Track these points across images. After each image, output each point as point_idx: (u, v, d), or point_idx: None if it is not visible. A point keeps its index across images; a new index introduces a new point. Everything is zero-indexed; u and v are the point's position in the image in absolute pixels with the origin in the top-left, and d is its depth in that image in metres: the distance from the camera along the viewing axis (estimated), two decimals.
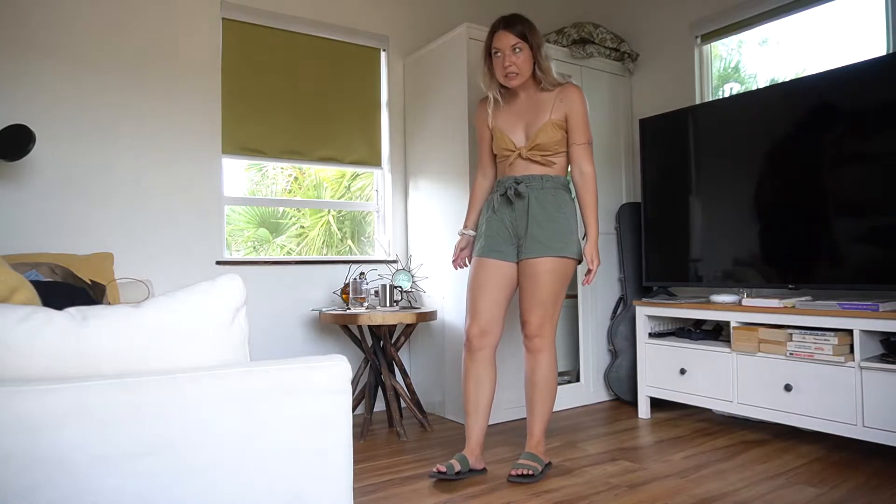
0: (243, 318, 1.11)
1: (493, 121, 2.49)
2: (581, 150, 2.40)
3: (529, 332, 2.38)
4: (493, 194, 2.50)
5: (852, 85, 2.57)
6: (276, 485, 1.01)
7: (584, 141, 2.40)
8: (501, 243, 2.41)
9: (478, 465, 2.36)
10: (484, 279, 2.40)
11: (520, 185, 2.38)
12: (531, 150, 2.39)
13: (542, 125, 2.38)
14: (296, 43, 3.34)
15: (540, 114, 2.41)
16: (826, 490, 2.15)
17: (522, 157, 2.42)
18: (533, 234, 2.36)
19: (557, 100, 2.40)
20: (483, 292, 2.39)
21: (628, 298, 3.51)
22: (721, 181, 3.04)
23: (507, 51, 2.36)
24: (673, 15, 3.64)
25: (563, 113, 2.39)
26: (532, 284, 2.35)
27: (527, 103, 2.46)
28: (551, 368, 2.40)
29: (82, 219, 2.74)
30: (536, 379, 2.39)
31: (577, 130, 2.40)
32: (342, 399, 1.08)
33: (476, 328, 2.38)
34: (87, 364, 0.93)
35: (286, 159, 3.36)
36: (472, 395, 2.39)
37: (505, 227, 2.42)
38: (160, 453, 0.91)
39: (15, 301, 1.10)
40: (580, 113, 2.40)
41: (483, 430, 2.39)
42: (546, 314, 2.36)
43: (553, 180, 2.40)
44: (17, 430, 0.82)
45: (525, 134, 2.43)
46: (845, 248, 2.59)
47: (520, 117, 2.45)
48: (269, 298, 3.18)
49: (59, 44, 2.71)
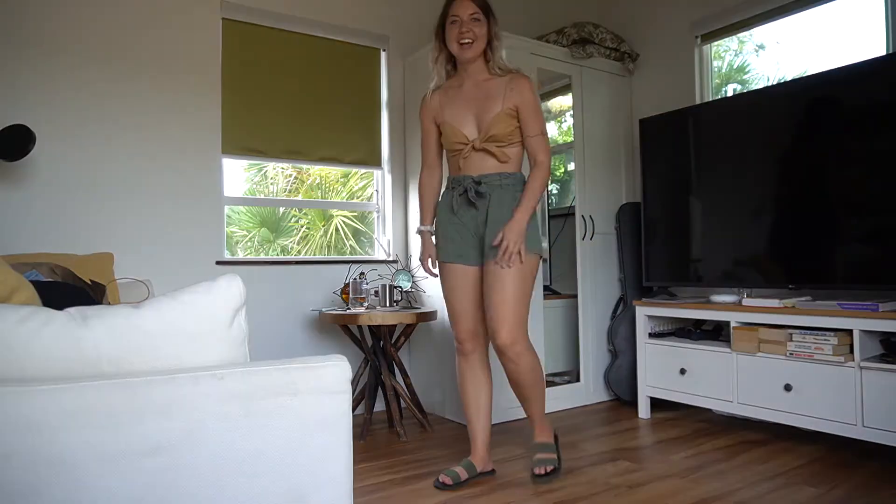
0: (243, 318, 1.11)
1: (440, 114, 2.37)
2: (535, 141, 2.28)
3: (502, 343, 2.21)
4: (448, 192, 2.38)
5: (852, 85, 2.57)
6: (276, 485, 1.01)
7: (539, 132, 2.28)
8: (463, 247, 2.32)
9: (486, 467, 2.35)
10: (454, 284, 2.35)
11: (480, 184, 2.28)
12: (486, 141, 2.26)
13: (495, 115, 2.25)
14: (296, 43, 3.34)
15: (490, 103, 2.28)
16: (826, 490, 2.15)
17: (476, 149, 2.29)
18: (495, 235, 2.22)
19: (507, 89, 2.27)
20: (459, 296, 2.34)
21: (628, 298, 3.51)
22: (721, 181, 3.04)
23: (466, 18, 2.24)
24: (673, 15, 3.64)
25: (514, 103, 2.26)
26: (499, 288, 2.21)
27: (474, 91, 2.32)
28: (534, 366, 2.30)
29: (82, 219, 2.74)
30: (524, 380, 2.29)
31: (529, 121, 2.27)
32: (342, 399, 1.07)
33: (463, 331, 2.35)
34: (87, 364, 0.93)
35: (286, 159, 3.36)
36: (472, 399, 2.37)
37: (466, 229, 2.32)
38: (160, 453, 0.91)
39: (15, 301, 1.10)
40: (532, 103, 2.28)
41: (487, 432, 2.38)
42: (515, 318, 2.22)
43: (511, 177, 2.29)
44: (17, 430, 0.82)
45: (476, 126, 2.30)
46: (845, 247, 2.59)
47: (468, 108, 2.32)
48: (270, 298, 3.18)
49: (59, 44, 2.71)
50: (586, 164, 3.55)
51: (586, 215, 3.53)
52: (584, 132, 3.56)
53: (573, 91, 3.55)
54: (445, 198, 2.40)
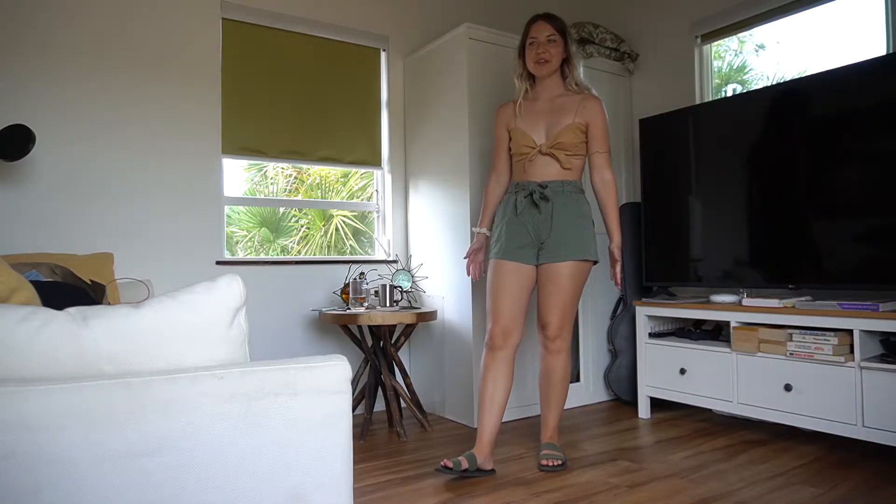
0: (243, 318, 1.11)
1: (513, 122, 2.56)
2: (602, 157, 2.49)
3: (551, 334, 2.45)
4: (511, 195, 2.53)
5: (852, 85, 2.57)
6: (276, 485, 1.01)
7: (605, 150, 2.50)
8: (522, 246, 2.46)
9: (486, 464, 2.35)
10: (506, 281, 2.45)
11: (545, 189, 2.44)
12: (552, 147, 2.45)
13: (566, 126, 2.45)
14: (296, 43, 3.34)
15: (562, 116, 2.48)
16: (826, 490, 2.15)
17: (542, 153, 2.47)
18: (557, 239, 2.42)
19: (581, 106, 2.47)
20: (505, 293, 2.44)
21: (628, 298, 3.51)
22: (721, 181, 3.04)
23: (543, 39, 2.48)
24: (673, 15, 3.64)
25: (585, 120, 2.47)
26: (554, 288, 2.42)
27: (549, 105, 2.52)
28: (567, 367, 2.51)
29: (82, 219, 2.75)
30: (555, 378, 2.49)
31: (598, 139, 2.49)
32: (342, 399, 1.08)
33: (499, 328, 2.42)
34: (87, 364, 0.93)
35: (286, 159, 3.35)
36: (489, 392, 2.41)
37: (527, 231, 2.46)
38: (160, 453, 0.91)
39: (15, 301, 1.10)
40: (602, 123, 2.49)
41: (496, 428, 2.40)
42: (566, 316, 2.45)
43: (572, 185, 2.47)
44: (17, 430, 0.82)
45: (546, 133, 2.49)
46: (845, 248, 2.59)
47: (540, 119, 2.51)
48: (269, 298, 3.18)
49: (59, 44, 2.71)
50: None
51: None
52: None
53: None
54: (509, 200, 2.54)
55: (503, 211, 2.55)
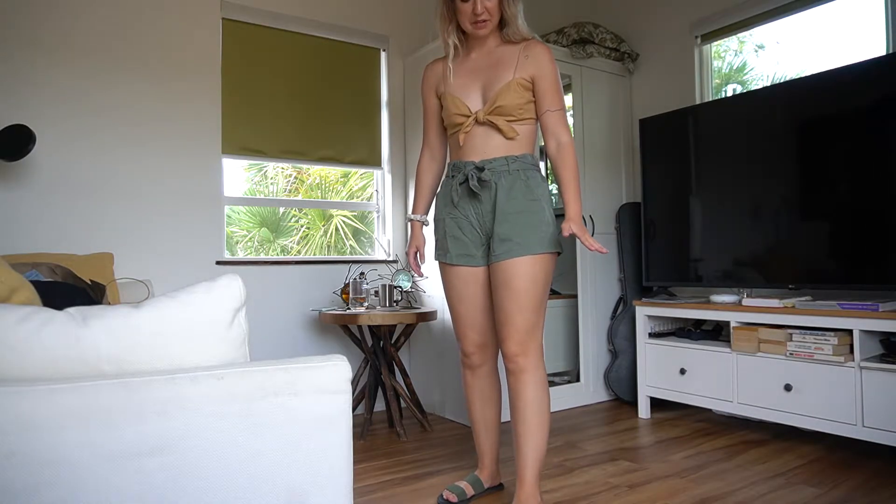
0: (243, 318, 1.11)
1: (442, 84, 2.07)
2: (555, 116, 1.97)
3: (509, 351, 1.94)
4: (447, 181, 2.08)
5: (852, 85, 2.57)
6: (276, 485, 1.01)
7: (558, 107, 1.97)
8: (469, 246, 2.02)
9: (494, 481, 2.19)
10: (462, 290, 2.06)
11: (482, 171, 1.96)
12: (490, 113, 1.95)
13: (506, 84, 1.94)
14: (296, 43, 3.34)
15: (501, 71, 1.97)
16: (826, 490, 2.15)
17: (479, 122, 1.98)
18: (504, 232, 1.93)
19: (522, 56, 1.97)
20: (467, 304, 2.06)
21: (628, 298, 3.51)
22: (721, 181, 3.04)
23: None
24: (673, 15, 3.64)
25: (530, 73, 1.96)
26: (507, 292, 1.92)
27: (484, 60, 2.03)
28: (539, 392, 1.94)
29: (82, 219, 2.74)
30: (521, 405, 1.94)
31: (548, 94, 1.96)
32: (342, 399, 1.07)
33: (471, 344, 2.09)
34: (87, 364, 0.93)
35: (286, 159, 3.35)
36: (479, 415, 2.15)
37: (471, 226, 2.01)
38: (160, 453, 0.91)
39: (15, 301, 1.10)
40: (551, 74, 1.97)
41: (496, 446, 2.18)
42: (528, 326, 1.92)
43: (519, 160, 1.97)
44: (17, 430, 0.82)
45: (483, 96, 1.99)
46: (845, 247, 2.59)
47: (475, 77, 2.02)
48: (269, 298, 3.18)
49: (59, 44, 2.71)
50: (586, 164, 3.55)
51: (586, 215, 3.52)
52: (584, 132, 3.56)
53: (573, 91, 3.55)
54: (445, 188, 2.10)
55: (440, 202, 2.10)
